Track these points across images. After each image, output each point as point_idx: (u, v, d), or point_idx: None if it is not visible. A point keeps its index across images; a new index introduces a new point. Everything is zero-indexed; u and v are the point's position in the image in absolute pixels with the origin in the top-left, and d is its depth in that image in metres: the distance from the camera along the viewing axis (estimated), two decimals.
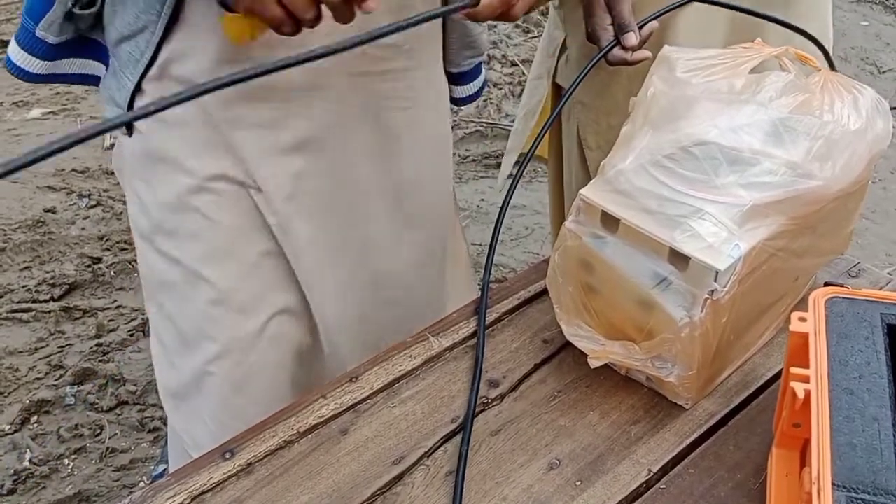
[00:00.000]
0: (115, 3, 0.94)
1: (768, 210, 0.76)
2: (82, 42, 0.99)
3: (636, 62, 1.05)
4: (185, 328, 1.06)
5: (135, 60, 0.94)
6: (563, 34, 1.33)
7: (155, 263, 1.05)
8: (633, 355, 0.81)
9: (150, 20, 0.91)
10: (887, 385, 0.67)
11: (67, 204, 2.55)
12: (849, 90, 0.81)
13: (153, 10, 0.91)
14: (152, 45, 0.92)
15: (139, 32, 0.92)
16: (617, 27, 1.06)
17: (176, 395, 1.11)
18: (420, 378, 0.88)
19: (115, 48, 0.97)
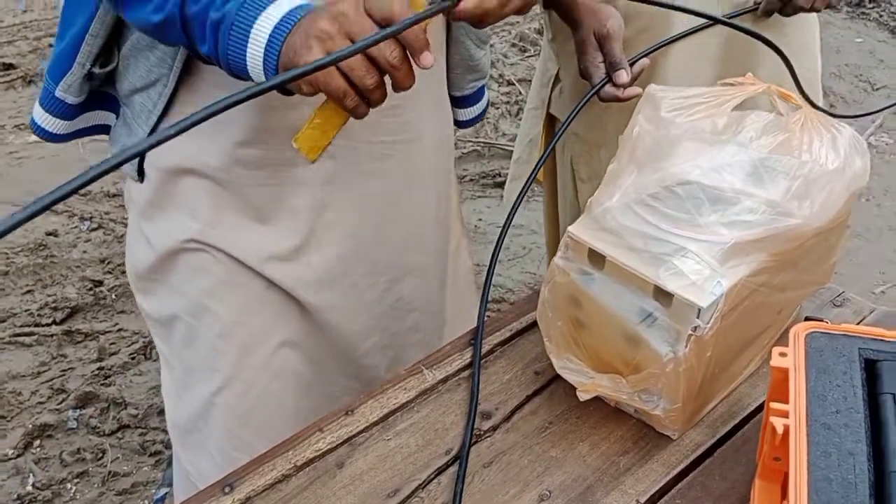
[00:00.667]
0: (128, 57, 0.97)
1: (749, 248, 0.78)
2: (94, 96, 1.03)
3: (627, 98, 1.08)
4: (191, 361, 1.08)
5: (147, 111, 0.97)
6: (556, 66, 1.36)
7: (161, 298, 1.07)
8: (620, 389, 0.84)
9: (162, 73, 0.95)
10: (863, 420, 0.70)
11: (69, 227, 2.58)
12: (828, 129, 0.84)
13: (165, 64, 0.94)
14: (164, 96, 0.96)
15: (152, 85, 0.96)
16: (608, 65, 1.09)
17: (183, 429, 1.13)
18: (414, 410, 0.91)
19: (127, 99, 1.00)
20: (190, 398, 1.10)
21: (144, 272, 1.08)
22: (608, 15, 1.11)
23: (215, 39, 0.81)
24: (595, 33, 1.11)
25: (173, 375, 1.13)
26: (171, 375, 1.13)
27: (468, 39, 1.13)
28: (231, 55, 0.80)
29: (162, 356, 1.15)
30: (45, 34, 3.64)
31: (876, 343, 0.76)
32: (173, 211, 1.03)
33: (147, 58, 0.95)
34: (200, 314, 1.05)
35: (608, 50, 1.09)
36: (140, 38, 0.95)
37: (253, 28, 0.78)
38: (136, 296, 1.13)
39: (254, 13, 0.78)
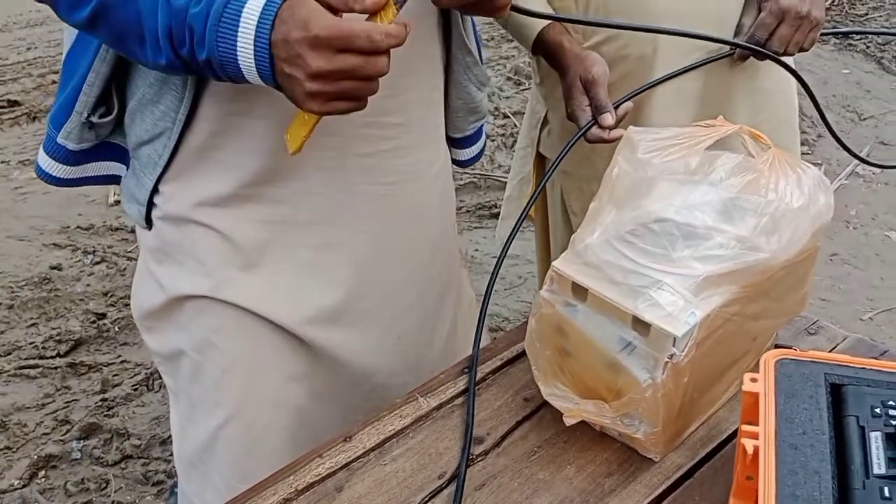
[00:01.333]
0: (134, 111, 1.02)
1: (721, 280, 0.84)
2: (104, 146, 1.07)
3: (613, 140, 1.14)
4: (196, 395, 1.12)
5: (153, 163, 1.02)
6: (544, 109, 1.43)
7: (167, 335, 1.11)
8: (604, 414, 0.88)
9: (166, 126, 0.99)
10: (828, 440, 0.75)
11: (73, 261, 2.63)
12: (794, 169, 0.89)
13: (168, 117, 0.98)
14: (168, 148, 1.00)
15: (157, 137, 1.00)
16: (594, 108, 1.15)
17: (188, 462, 1.16)
18: (409, 436, 0.95)
19: (135, 151, 1.05)
20: (195, 432, 1.13)
21: (152, 312, 1.12)
22: (594, 61, 1.17)
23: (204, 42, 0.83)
24: (581, 79, 1.17)
25: (179, 409, 1.16)
26: (177, 409, 1.17)
27: (469, 82, 1.17)
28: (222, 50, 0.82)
29: (169, 390, 1.19)
30: (48, 71, 3.72)
31: (841, 369, 0.81)
32: (183, 259, 1.06)
33: (152, 112, 0.99)
34: (205, 350, 1.08)
35: (594, 94, 1.15)
36: (145, 93, 0.99)
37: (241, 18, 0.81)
38: (142, 333, 1.16)
39: None
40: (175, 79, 0.96)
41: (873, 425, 0.75)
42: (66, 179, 1.07)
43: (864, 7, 4.45)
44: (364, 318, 1.12)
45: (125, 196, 1.09)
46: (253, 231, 1.05)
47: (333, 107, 0.83)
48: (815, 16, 1.20)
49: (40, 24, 4.15)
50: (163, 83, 0.98)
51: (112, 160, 1.10)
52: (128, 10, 0.85)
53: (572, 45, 1.22)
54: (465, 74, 1.15)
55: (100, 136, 1.05)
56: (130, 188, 1.07)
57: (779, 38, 1.21)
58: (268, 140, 1.00)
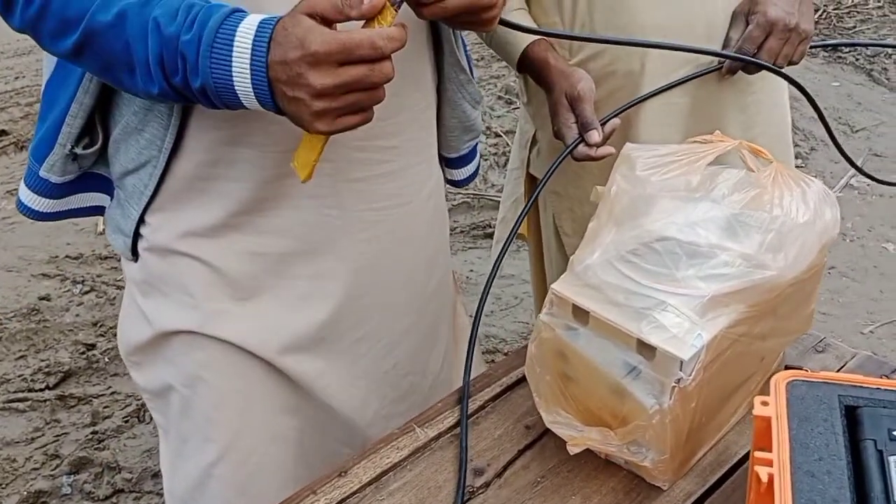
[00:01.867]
0: (118, 140, 0.98)
1: (727, 300, 0.81)
2: (87, 177, 1.04)
3: (600, 158, 1.12)
4: (186, 431, 1.08)
5: (139, 192, 0.99)
6: (532, 128, 1.40)
7: (155, 370, 1.08)
8: (609, 441, 0.85)
9: (152, 154, 0.96)
10: (846, 466, 0.71)
11: (62, 291, 2.59)
12: (798, 183, 0.87)
13: (154, 145, 0.95)
14: (155, 177, 0.97)
15: (142, 166, 0.97)
16: (580, 125, 1.12)
17: (180, 499, 1.12)
18: (407, 469, 0.92)
19: (119, 181, 1.02)
20: (186, 469, 1.09)
21: (139, 347, 1.08)
22: (579, 78, 1.15)
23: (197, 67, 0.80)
24: (567, 95, 1.15)
25: (169, 445, 1.12)
26: (167, 445, 1.13)
27: (463, 100, 1.14)
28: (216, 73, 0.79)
29: (158, 426, 1.15)
30: (36, 100, 3.70)
31: (855, 389, 0.78)
32: (169, 292, 1.03)
33: (137, 140, 0.96)
34: (195, 385, 1.05)
35: (580, 111, 1.13)
36: (130, 121, 0.96)
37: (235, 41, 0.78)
38: (130, 369, 1.13)
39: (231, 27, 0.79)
40: (160, 106, 0.93)
41: (892, 449, 0.72)
42: (50, 213, 1.04)
43: (853, 20, 4.46)
44: (358, 348, 1.09)
45: (110, 227, 1.06)
46: (242, 262, 1.02)
47: (342, 123, 0.80)
48: (803, 28, 1.18)
49: (28, 54, 4.13)
50: (147, 110, 0.95)
51: (96, 191, 1.06)
52: (116, 39, 0.81)
53: (558, 62, 1.19)
54: (458, 92, 1.13)
55: (83, 167, 1.02)
56: (115, 219, 1.04)
57: (767, 51, 1.19)
58: (258, 169, 0.97)
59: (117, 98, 0.97)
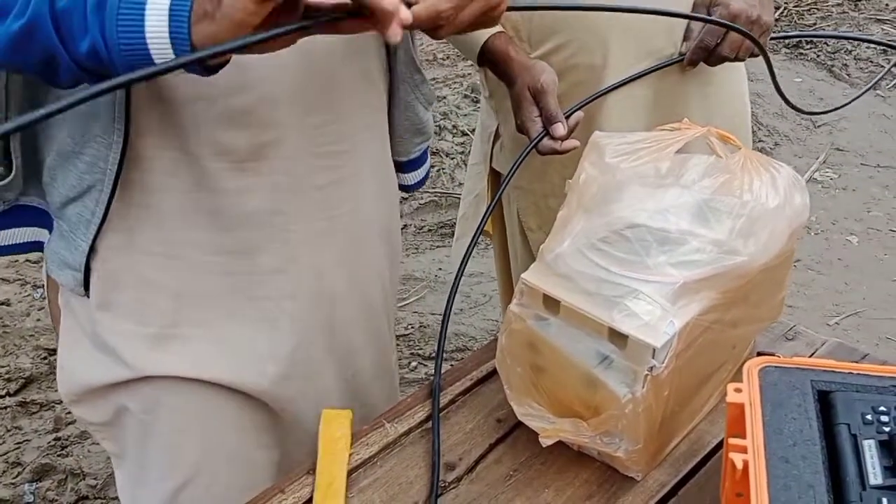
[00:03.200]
0: (54, 168, 0.92)
1: (699, 286, 0.80)
2: (17, 211, 0.96)
3: (565, 151, 1.10)
4: (146, 457, 1.02)
5: (86, 221, 0.91)
6: (495, 123, 1.39)
7: (104, 401, 1.01)
8: (582, 432, 0.84)
9: (95, 178, 0.89)
10: (820, 451, 0.71)
11: (22, 295, 2.53)
12: (767, 169, 0.86)
13: (97, 168, 0.88)
14: (102, 203, 0.89)
15: (86, 192, 0.90)
16: (545, 119, 1.11)
17: None
18: (377, 466, 0.90)
19: (60, 211, 0.94)
20: (147, 497, 1.04)
21: (95, 388, 1.00)
22: (541, 70, 1.13)
23: (101, 23, 0.70)
24: (529, 88, 1.13)
25: (126, 473, 1.06)
26: (124, 473, 1.07)
27: (417, 101, 1.11)
28: (124, 36, 0.69)
29: (112, 454, 1.08)
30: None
31: (828, 374, 0.77)
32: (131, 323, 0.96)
33: (75, 165, 0.89)
34: (154, 409, 0.99)
35: (544, 104, 1.12)
36: (64, 144, 0.89)
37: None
38: (71, 407, 1.05)
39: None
40: (98, 124, 0.86)
41: (866, 433, 0.71)
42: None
43: (813, 17, 4.52)
44: (317, 365, 1.05)
45: (53, 263, 0.96)
46: (204, 283, 0.96)
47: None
48: (765, 20, 1.18)
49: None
50: (84, 131, 0.87)
51: (31, 225, 0.98)
52: None
53: (519, 55, 1.18)
54: (412, 93, 1.09)
55: (6, 199, 0.94)
56: (59, 253, 0.95)
57: (729, 44, 1.18)
58: (213, 179, 0.91)
59: (45, 122, 0.87)
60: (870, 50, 4.11)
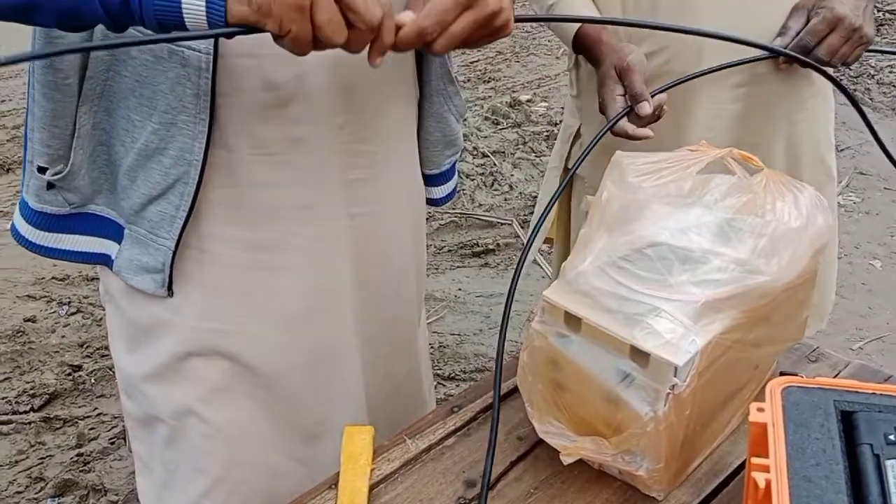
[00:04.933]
0: (135, 168, 0.93)
1: (721, 305, 0.80)
2: (88, 218, 0.98)
3: (638, 138, 1.10)
4: (174, 462, 1.04)
5: (170, 217, 0.93)
6: (577, 122, 1.40)
7: (142, 402, 1.04)
8: (603, 451, 0.84)
9: (181, 171, 0.91)
10: (843, 471, 0.70)
11: (47, 312, 2.56)
12: (789, 189, 0.86)
13: (183, 161, 0.90)
14: (188, 195, 0.91)
15: (170, 188, 0.92)
16: (630, 97, 1.12)
17: None
18: (398, 482, 0.90)
19: (138, 215, 0.95)
20: (176, 501, 1.06)
21: (127, 376, 1.04)
22: (629, 50, 1.15)
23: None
24: (616, 67, 1.14)
25: (152, 478, 1.08)
26: (149, 478, 1.09)
27: (449, 113, 1.12)
28: None
29: (137, 459, 1.10)
30: (23, 123, 3.66)
31: (851, 395, 0.77)
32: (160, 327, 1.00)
33: (160, 161, 0.91)
34: (184, 416, 1.02)
35: (629, 82, 1.12)
36: (148, 142, 0.91)
37: None
38: (122, 394, 1.08)
39: None
40: (184, 115, 0.89)
41: (888, 453, 0.71)
42: (38, 245, 0.97)
43: None
44: (341, 367, 1.07)
45: (129, 271, 0.97)
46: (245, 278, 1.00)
47: None
48: (866, 32, 1.19)
49: (14, 77, 4.12)
50: (170, 124, 0.90)
51: (99, 235, 0.99)
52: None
53: (609, 39, 1.19)
54: (445, 105, 1.11)
55: (71, 202, 0.95)
56: (136, 259, 0.96)
57: (828, 46, 1.18)
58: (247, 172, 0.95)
59: (125, 123, 0.92)
60: (893, 74, 4.09)
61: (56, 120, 0.91)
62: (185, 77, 0.88)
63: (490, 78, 4.23)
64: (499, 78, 4.22)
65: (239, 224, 0.97)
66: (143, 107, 0.91)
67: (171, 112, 0.90)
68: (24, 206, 0.98)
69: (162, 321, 1.00)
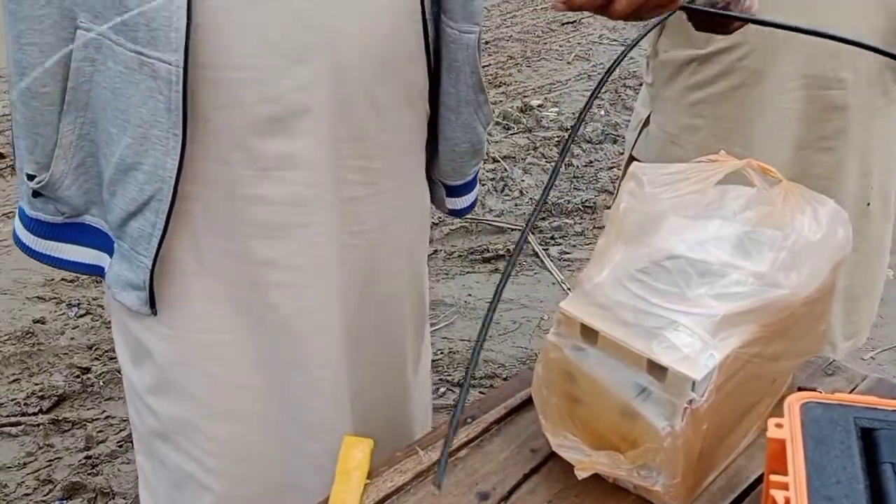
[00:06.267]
0: (114, 183, 0.91)
1: (740, 319, 0.79)
2: (81, 229, 0.97)
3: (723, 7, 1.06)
4: (178, 478, 1.04)
5: (147, 235, 0.91)
6: (648, 110, 1.40)
7: (146, 417, 1.04)
8: (618, 465, 0.83)
9: (156, 188, 0.88)
10: (864, 490, 0.69)
11: (57, 314, 2.57)
12: (809, 202, 0.85)
13: (156, 177, 0.88)
14: (163, 213, 0.89)
15: (146, 204, 0.90)
16: None
17: None
18: (411, 493, 0.89)
19: (120, 230, 0.93)
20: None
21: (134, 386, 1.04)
22: None
23: None
24: None
25: (156, 494, 1.08)
26: (153, 493, 1.09)
27: (478, 123, 1.09)
28: None
29: (141, 473, 1.10)
30: None
31: (871, 412, 0.76)
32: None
33: (135, 177, 0.89)
34: (188, 432, 1.01)
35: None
36: (124, 156, 0.89)
37: None
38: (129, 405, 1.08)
39: None
40: (156, 129, 0.87)
41: None
42: (35, 251, 0.96)
43: None
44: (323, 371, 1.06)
45: (118, 286, 0.96)
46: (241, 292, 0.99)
47: None
48: None
49: None
50: (143, 139, 0.88)
51: (94, 247, 0.98)
52: None
53: None
54: (475, 115, 1.08)
55: (62, 211, 0.93)
56: (123, 275, 0.95)
57: None
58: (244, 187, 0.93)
59: (105, 136, 0.90)
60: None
61: (37, 128, 0.89)
62: (157, 90, 0.85)
63: (501, 83, 4.23)
64: (510, 83, 4.22)
65: (235, 239, 0.96)
66: (118, 119, 0.88)
67: (144, 126, 0.87)
68: (21, 212, 0.97)
69: (156, 336, 0.99)
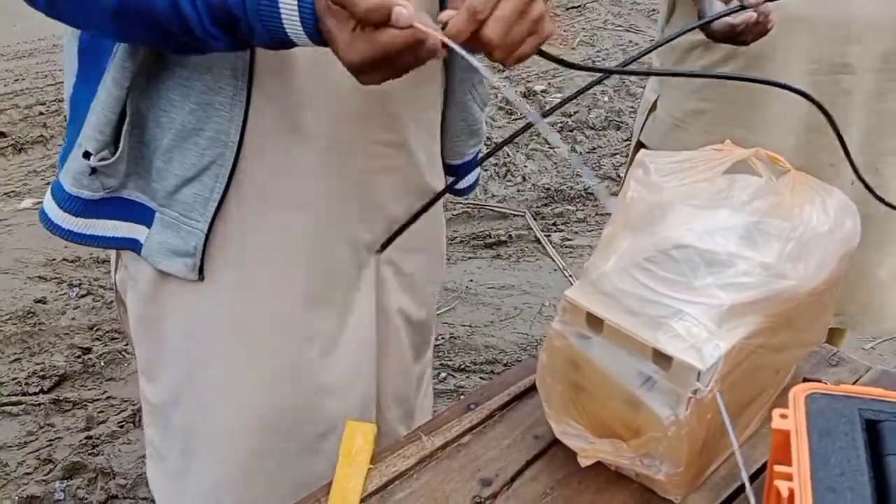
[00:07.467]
0: (171, 149, 0.92)
1: (746, 310, 0.79)
2: (117, 203, 0.96)
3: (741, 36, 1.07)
4: (192, 450, 1.05)
5: (203, 199, 0.92)
6: (656, 95, 1.40)
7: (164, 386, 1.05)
8: (621, 453, 0.83)
9: (217, 153, 0.90)
10: (868, 482, 0.69)
11: (58, 294, 2.56)
12: (817, 192, 0.85)
13: (219, 142, 0.90)
14: (223, 177, 0.91)
15: (205, 169, 0.91)
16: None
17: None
18: (413, 479, 0.90)
19: (171, 197, 0.93)
20: (190, 491, 1.06)
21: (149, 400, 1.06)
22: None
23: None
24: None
25: (166, 466, 1.09)
26: (162, 466, 1.09)
27: (473, 102, 1.10)
28: None
29: (150, 446, 1.11)
30: (35, 102, 3.67)
31: (876, 403, 0.76)
32: None
33: (196, 142, 0.90)
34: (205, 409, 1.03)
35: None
36: (186, 122, 0.90)
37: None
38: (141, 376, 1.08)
39: None
40: (221, 96, 0.88)
41: None
42: (69, 231, 0.95)
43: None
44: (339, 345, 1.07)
45: (159, 255, 0.95)
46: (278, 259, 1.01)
47: None
48: None
49: (28, 56, 4.11)
50: (207, 105, 0.89)
51: (130, 220, 0.97)
52: None
53: None
54: (469, 94, 1.09)
55: (107, 186, 0.93)
56: (167, 243, 0.95)
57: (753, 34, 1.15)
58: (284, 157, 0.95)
59: (164, 103, 0.91)
60: None
61: (116, 106, 0.90)
62: (223, 57, 0.87)
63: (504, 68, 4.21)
64: (513, 68, 4.19)
65: (273, 209, 0.97)
66: (181, 87, 0.90)
67: (209, 93, 0.89)
68: (59, 191, 0.95)
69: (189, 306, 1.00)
